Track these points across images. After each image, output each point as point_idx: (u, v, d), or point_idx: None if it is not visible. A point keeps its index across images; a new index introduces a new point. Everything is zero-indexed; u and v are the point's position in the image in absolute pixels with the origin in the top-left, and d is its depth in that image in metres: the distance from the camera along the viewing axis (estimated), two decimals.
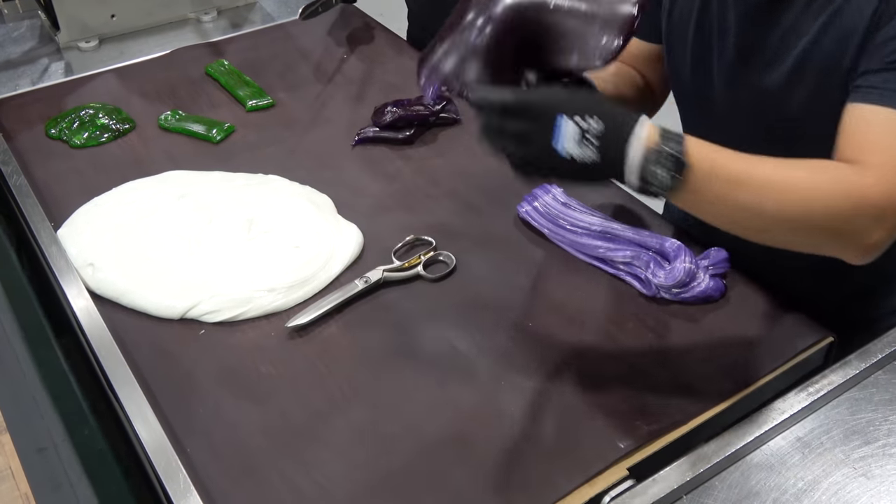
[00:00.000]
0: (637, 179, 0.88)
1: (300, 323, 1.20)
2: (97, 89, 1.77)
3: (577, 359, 1.16)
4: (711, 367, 1.14)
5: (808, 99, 1.12)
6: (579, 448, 1.04)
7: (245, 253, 1.31)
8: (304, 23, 1.93)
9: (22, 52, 1.94)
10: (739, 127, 1.20)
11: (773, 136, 1.18)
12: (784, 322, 1.20)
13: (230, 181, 1.48)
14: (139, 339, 1.19)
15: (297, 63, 1.86)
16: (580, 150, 0.85)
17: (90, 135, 1.60)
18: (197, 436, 1.06)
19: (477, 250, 1.34)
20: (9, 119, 1.66)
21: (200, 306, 1.22)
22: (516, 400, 1.10)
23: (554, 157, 0.86)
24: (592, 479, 1.00)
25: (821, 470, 1.01)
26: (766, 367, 1.14)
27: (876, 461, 1.01)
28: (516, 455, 1.03)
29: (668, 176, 0.87)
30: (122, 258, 1.29)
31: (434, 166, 1.53)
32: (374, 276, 1.27)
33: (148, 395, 1.08)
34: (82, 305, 1.21)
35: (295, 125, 1.66)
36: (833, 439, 1.04)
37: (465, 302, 1.24)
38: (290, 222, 1.36)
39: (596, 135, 0.85)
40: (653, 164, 0.87)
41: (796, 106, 1.14)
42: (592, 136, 0.85)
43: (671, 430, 1.06)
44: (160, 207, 1.39)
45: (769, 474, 1.01)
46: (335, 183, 1.48)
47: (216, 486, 1.00)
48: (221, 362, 1.16)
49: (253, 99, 1.71)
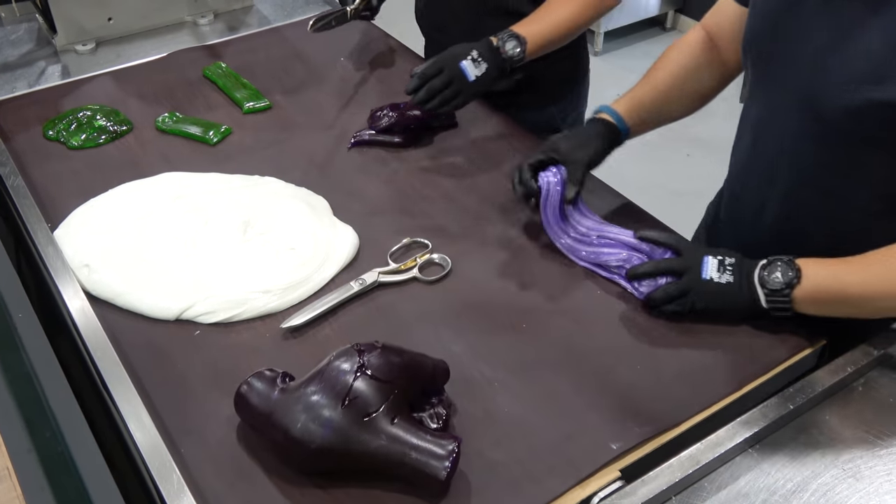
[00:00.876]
0: (759, 285, 1.14)
1: (295, 324, 1.21)
2: (95, 91, 1.78)
3: (571, 361, 1.16)
4: (704, 370, 1.15)
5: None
6: (572, 450, 1.04)
7: (241, 254, 1.31)
8: (300, 26, 1.93)
9: (19, 54, 1.94)
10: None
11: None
12: (777, 325, 1.21)
13: (226, 183, 1.48)
14: (134, 339, 1.20)
15: (294, 66, 1.87)
16: (719, 275, 1.16)
17: (87, 136, 1.61)
18: (191, 436, 1.07)
19: (472, 253, 1.35)
20: (6, 121, 1.67)
21: (196, 307, 1.22)
22: (509, 402, 1.10)
23: (702, 284, 1.17)
24: (585, 481, 1.01)
25: (810, 471, 1.01)
26: (759, 369, 1.15)
27: (865, 462, 1.02)
28: (509, 457, 1.04)
29: (783, 277, 1.12)
30: (118, 259, 1.30)
31: (430, 169, 1.54)
32: (369, 278, 1.28)
33: (143, 396, 1.09)
34: (78, 306, 1.22)
35: (292, 127, 1.66)
36: (822, 441, 1.05)
37: (459, 304, 1.25)
38: (286, 224, 1.37)
39: (729, 263, 1.16)
40: (768, 268, 1.13)
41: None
42: (729, 263, 1.16)
43: (664, 433, 1.07)
44: (156, 209, 1.40)
45: (758, 476, 1.01)
46: (331, 185, 1.49)
47: (210, 487, 1.01)
48: (216, 363, 1.17)
49: (250, 101, 1.71)
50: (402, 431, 0.98)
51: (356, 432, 0.98)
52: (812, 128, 1.14)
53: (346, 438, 0.97)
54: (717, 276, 1.16)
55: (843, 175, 1.15)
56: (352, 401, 0.99)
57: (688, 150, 3.38)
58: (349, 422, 0.98)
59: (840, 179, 1.16)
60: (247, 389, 1.04)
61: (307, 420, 0.98)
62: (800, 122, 1.15)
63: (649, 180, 3.20)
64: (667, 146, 3.38)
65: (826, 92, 1.09)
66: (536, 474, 1.02)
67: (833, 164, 1.15)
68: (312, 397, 0.99)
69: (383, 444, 0.97)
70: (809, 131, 1.14)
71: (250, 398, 1.03)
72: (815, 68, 1.11)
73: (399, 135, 1.59)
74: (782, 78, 1.17)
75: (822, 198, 1.18)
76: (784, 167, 1.21)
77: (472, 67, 1.53)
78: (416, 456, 0.97)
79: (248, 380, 1.05)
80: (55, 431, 0.99)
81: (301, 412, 0.98)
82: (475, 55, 1.53)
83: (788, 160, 1.20)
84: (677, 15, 4.50)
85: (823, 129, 1.13)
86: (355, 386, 0.99)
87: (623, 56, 4.31)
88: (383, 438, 0.98)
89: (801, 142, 1.17)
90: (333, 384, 1.00)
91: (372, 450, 0.97)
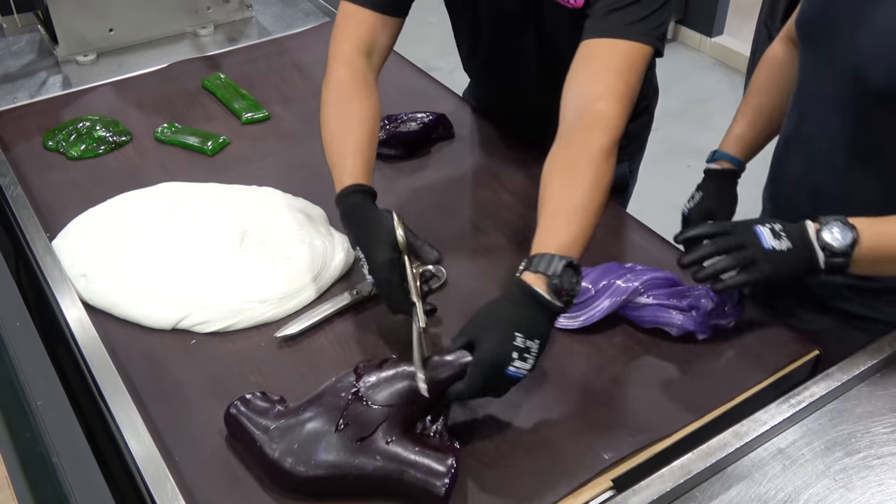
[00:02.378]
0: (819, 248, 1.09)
1: (290, 333, 1.21)
2: (95, 102, 1.79)
3: (565, 371, 1.17)
4: (697, 381, 1.15)
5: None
6: (564, 459, 1.05)
7: (237, 264, 1.32)
8: (300, 37, 1.94)
9: (21, 65, 1.96)
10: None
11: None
12: (770, 336, 1.21)
13: (224, 193, 1.49)
14: (131, 348, 1.21)
15: (293, 76, 1.88)
16: (778, 243, 1.10)
17: (87, 147, 1.62)
18: (185, 444, 1.07)
19: (468, 264, 1.35)
20: (7, 131, 1.68)
21: (191, 317, 1.23)
22: (503, 412, 1.11)
23: (767, 253, 1.09)
24: (577, 491, 1.01)
25: (801, 481, 1.02)
26: (752, 380, 1.15)
27: (857, 473, 1.02)
28: (502, 467, 1.04)
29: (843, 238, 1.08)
30: (115, 269, 1.30)
31: (427, 180, 1.55)
32: (364, 289, 1.28)
33: (138, 404, 1.10)
34: (75, 315, 1.22)
35: (290, 138, 1.67)
36: (814, 451, 1.05)
37: (455, 315, 1.26)
38: (283, 234, 1.37)
39: (780, 230, 1.11)
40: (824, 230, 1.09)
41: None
42: (779, 230, 1.11)
43: (656, 443, 1.07)
44: (154, 219, 1.41)
45: (750, 485, 1.02)
46: (329, 195, 1.49)
47: (203, 495, 1.01)
48: (212, 372, 1.17)
49: (248, 112, 1.73)
50: (400, 449, 0.98)
51: (350, 458, 0.98)
52: (856, 100, 1.15)
53: (340, 466, 0.98)
54: (777, 244, 1.10)
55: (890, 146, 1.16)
56: (347, 425, 0.99)
57: (688, 162, 3.38)
58: (343, 447, 0.98)
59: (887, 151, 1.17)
60: (236, 413, 1.04)
61: (296, 461, 0.98)
62: (844, 96, 1.16)
63: (648, 192, 3.19)
64: (667, 158, 3.38)
65: (871, 64, 1.10)
66: (529, 484, 1.02)
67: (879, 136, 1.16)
68: (307, 427, 1.00)
69: (380, 465, 0.97)
70: (856, 105, 1.15)
71: (239, 426, 1.04)
72: (858, 37, 1.12)
73: (395, 147, 1.60)
74: (830, 54, 1.18)
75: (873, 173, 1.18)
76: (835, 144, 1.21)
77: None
78: (414, 473, 0.97)
79: (238, 406, 1.05)
80: (50, 440, 1.00)
81: (290, 451, 0.99)
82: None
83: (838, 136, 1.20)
84: (678, 26, 4.50)
85: (867, 103, 1.14)
86: (350, 410, 1.00)
87: None
88: (379, 459, 0.98)
89: (846, 113, 1.17)
90: (329, 409, 1.01)
91: (368, 472, 0.98)
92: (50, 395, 1.07)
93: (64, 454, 0.98)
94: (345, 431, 0.99)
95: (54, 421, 1.02)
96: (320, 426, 1.00)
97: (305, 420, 1.01)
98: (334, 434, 0.99)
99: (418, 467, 0.97)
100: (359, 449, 0.98)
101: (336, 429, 0.99)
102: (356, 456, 0.98)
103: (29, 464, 0.99)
